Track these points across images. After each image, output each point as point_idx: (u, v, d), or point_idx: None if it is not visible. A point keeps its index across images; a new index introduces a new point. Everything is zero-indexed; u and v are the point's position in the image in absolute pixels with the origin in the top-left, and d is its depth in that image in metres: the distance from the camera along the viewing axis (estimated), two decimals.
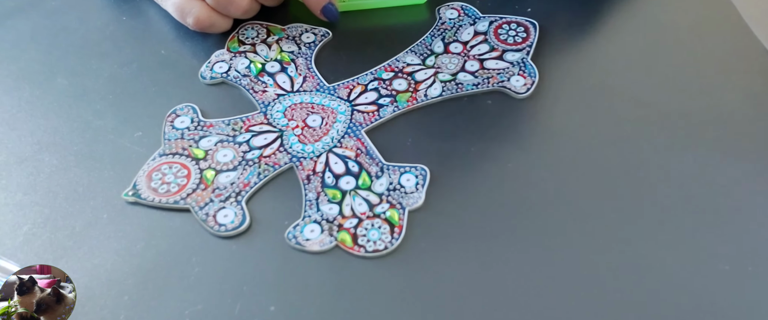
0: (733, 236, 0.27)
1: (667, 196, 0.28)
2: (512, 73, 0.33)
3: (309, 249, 0.27)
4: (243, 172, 0.30)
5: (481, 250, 0.27)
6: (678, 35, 0.36)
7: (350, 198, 0.29)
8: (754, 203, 0.28)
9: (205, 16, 0.34)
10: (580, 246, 0.27)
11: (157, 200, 0.29)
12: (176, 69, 0.35)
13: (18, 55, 0.36)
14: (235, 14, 0.35)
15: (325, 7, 0.36)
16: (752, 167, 0.29)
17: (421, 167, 0.29)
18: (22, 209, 0.29)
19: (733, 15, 0.37)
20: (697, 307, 0.25)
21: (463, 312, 0.25)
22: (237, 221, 0.28)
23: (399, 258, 0.27)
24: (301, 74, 0.34)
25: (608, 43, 0.36)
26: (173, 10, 0.35)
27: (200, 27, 0.35)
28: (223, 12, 0.35)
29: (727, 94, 0.33)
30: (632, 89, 0.33)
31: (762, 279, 0.26)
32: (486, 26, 0.36)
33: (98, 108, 0.33)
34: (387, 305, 0.25)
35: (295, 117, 0.32)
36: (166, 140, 0.31)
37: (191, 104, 0.33)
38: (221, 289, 0.26)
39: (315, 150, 0.31)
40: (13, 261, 0.27)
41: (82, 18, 0.38)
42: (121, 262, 0.27)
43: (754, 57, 0.34)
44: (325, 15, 0.36)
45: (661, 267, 0.26)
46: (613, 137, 0.31)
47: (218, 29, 0.35)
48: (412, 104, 0.32)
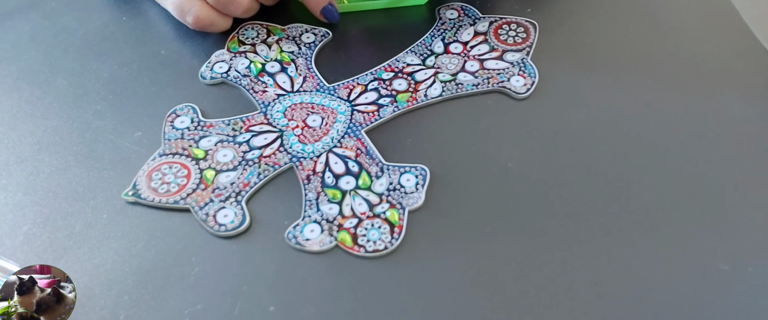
0: (733, 236, 0.27)
1: (667, 196, 0.28)
2: (512, 73, 0.33)
3: (309, 249, 0.27)
4: (243, 172, 0.30)
5: (481, 250, 0.27)
6: (678, 35, 0.36)
7: (350, 198, 0.28)
8: (754, 203, 0.28)
9: (205, 14, 0.34)
10: (580, 245, 0.27)
11: (157, 200, 0.29)
12: (176, 69, 0.35)
13: (18, 56, 0.36)
14: (235, 13, 0.35)
15: (324, 8, 0.36)
16: (752, 167, 0.29)
17: (421, 167, 0.29)
18: (22, 209, 0.29)
19: (733, 15, 0.37)
20: (697, 307, 0.25)
21: (463, 312, 0.25)
22: (237, 221, 0.28)
23: (399, 258, 0.27)
24: (301, 74, 0.34)
25: (608, 44, 0.36)
26: (173, 9, 0.35)
27: (200, 26, 0.35)
28: (223, 11, 0.35)
29: (727, 94, 0.33)
30: (632, 89, 0.33)
31: (762, 279, 0.26)
32: (486, 26, 0.36)
33: (98, 108, 0.33)
34: (387, 305, 0.25)
35: (295, 117, 0.32)
36: (166, 140, 0.31)
37: (191, 104, 0.33)
38: (221, 289, 0.26)
39: (315, 150, 0.31)
40: (13, 261, 0.27)
41: (82, 18, 0.38)
42: (121, 262, 0.27)
43: (754, 57, 0.34)
44: (325, 16, 0.36)
45: (661, 267, 0.26)
46: (613, 136, 0.31)
47: (218, 28, 0.35)
48: (412, 104, 0.32)
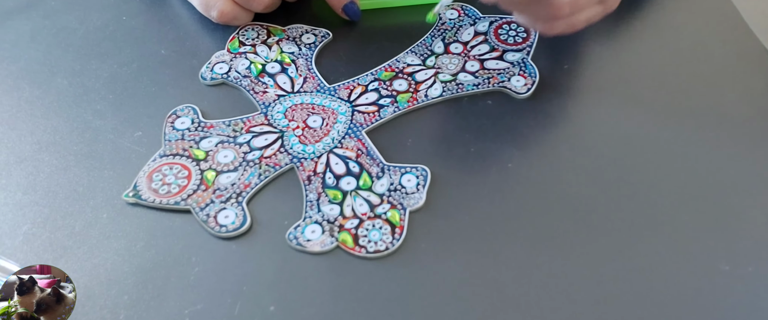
0: (733, 236, 0.27)
1: (667, 196, 0.28)
2: (512, 73, 0.33)
3: (310, 250, 0.27)
4: (244, 173, 0.30)
5: (482, 250, 0.27)
6: (679, 35, 0.36)
7: (351, 199, 0.28)
8: (754, 203, 0.28)
9: (229, 9, 0.35)
10: (580, 245, 0.27)
11: (157, 201, 0.29)
12: (176, 69, 0.35)
13: (18, 55, 0.36)
14: (257, 9, 0.36)
15: (346, 6, 0.36)
16: (752, 167, 0.29)
17: (421, 168, 0.29)
18: (22, 208, 0.29)
19: (734, 15, 0.37)
20: (698, 307, 0.25)
21: (463, 312, 0.25)
22: (238, 222, 0.28)
23: (400, 259, 0.27)
24: (301, 75, 0.34)
25: (608, 44, 0.36)
26: (198, 4, 0.36)
27: (224, 20, 0.36)
28: (245, 6, 0.36)
29: (727, 94, 0.33)
30: (632, 89, 0.33)
31: (762, 279, 0.26)
32: (486, 26, 0.36)
33: (98, 108, 0.33)
34: (387, 305, 0.25)
35: (296, 118, 0.32)
36: (167, 141, 0.31)
37: (192, 105, 0.33)
38: (221, 289, 0.26)
39: (315, 151, 0.30)
40: (13, 261, 0.27)
41: (82, 18, 0.38)
42: (121, 262, 0.27)
43: (754, 57, 0.34)
44: (347, 13, 0.36)
45: (661, 267, 0.26)
46: (613, 137, 0.31)
47: (240, 22, 0.36)
48: (413, 105, 0.32)
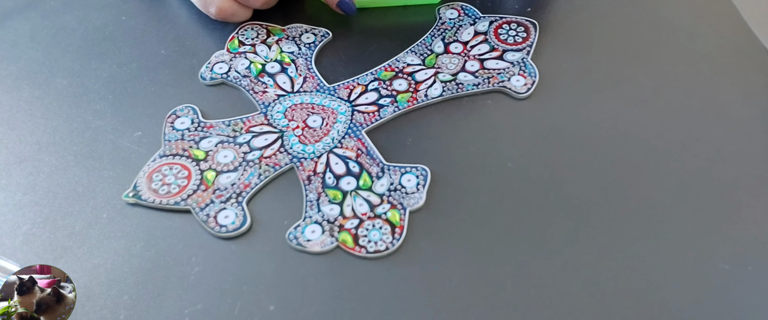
0: (733, 236, 0.27)
1: (667, 196, 0.28)
2: (512, 73, 0.33)
3: (310, 250, 0.27)
4: (243, 173, 0.30)
5: (482, 250, 0.27)
6: (678, 35, 0.36)
7: (351, 199, 0.28)
8: (754, 203, 0.28)
9: (227, 5, 0.35)
10: (580, 245, 0.27)
11: (157, 201, 0.29)
12: (176, 69, 0.35)
13: (18, 55, 0.36)
14: (256, 5, 0.36)
15: (341, 1, 0.36)
16: (752, 166, 0.29)
17: (421, 168, 0.29)
18: (22, 209, 0.29)
19: (733, 15, 0.37)
20: (698, 307, 0.25)
21: (463, 313, 0.25)
22: (238, 222, 0.28)
23: (400, 259, 0.27)
24: (301, 75, 0.34)
25: (608, 43, 0.36)
26: (197, 0, 0.36)
27: (222, 16, 0.36)
28: (243, 3, 0.36)
29: (727, 94, 0.33)
30: (632, 88, 0.33)
31: (762, 279, 0.26)
32: (486, 26, 0.36)
33: (98, 108, 0.33)
34: (388, 305, 0.25)
35: (296, 118, 0.32)
36: (167, 141, 0.31)
37: (191, 105, 0.33)
38: (221, 289, 0.26)
39: (315, 151, 0.30)
40: (13, 261, 0.27)
41: (82, 18, 0.38)
42: (121, 262, 0.27)
43: (754, 57, 0.34)
44: (342, 8, 0.36)
45: (661, 267, 0.26)
46: (613, 136, 0.31)
47: (238, 19, 0.36)
48: (413, 104, 0.32)
